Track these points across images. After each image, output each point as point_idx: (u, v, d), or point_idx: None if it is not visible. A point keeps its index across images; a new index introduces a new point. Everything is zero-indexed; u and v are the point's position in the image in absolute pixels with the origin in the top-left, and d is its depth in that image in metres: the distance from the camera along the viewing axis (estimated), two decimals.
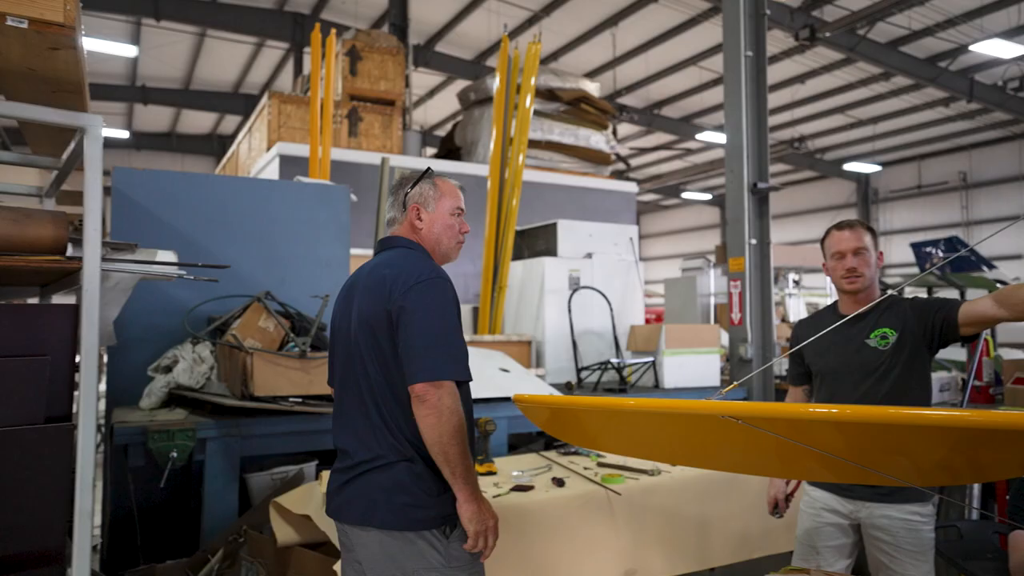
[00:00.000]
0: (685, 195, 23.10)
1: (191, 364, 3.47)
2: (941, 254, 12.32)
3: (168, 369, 3.53)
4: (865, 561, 2.47)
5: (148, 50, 13.06)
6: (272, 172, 7.15)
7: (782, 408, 1.51)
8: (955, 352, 6.31)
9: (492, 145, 5.59)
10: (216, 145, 18.44)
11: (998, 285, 7.57)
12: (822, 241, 2.54)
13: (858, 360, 2.38)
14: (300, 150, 6.83)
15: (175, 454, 2.99)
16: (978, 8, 11.13)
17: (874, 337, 2.36)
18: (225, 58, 13.95)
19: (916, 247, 12.48)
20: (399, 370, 1.85)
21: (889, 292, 2.45)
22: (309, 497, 2.94)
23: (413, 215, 2.05)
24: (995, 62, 12.82)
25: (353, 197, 4.59)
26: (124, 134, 16.90)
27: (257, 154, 8.16)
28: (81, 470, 1.75)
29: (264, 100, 7.83)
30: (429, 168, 2.15)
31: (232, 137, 15.94)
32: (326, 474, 3.00)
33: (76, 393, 1.84)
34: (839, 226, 2.47)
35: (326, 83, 5.41)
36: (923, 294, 10.86)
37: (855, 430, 1.56)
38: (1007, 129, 16.75)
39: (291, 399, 3.35)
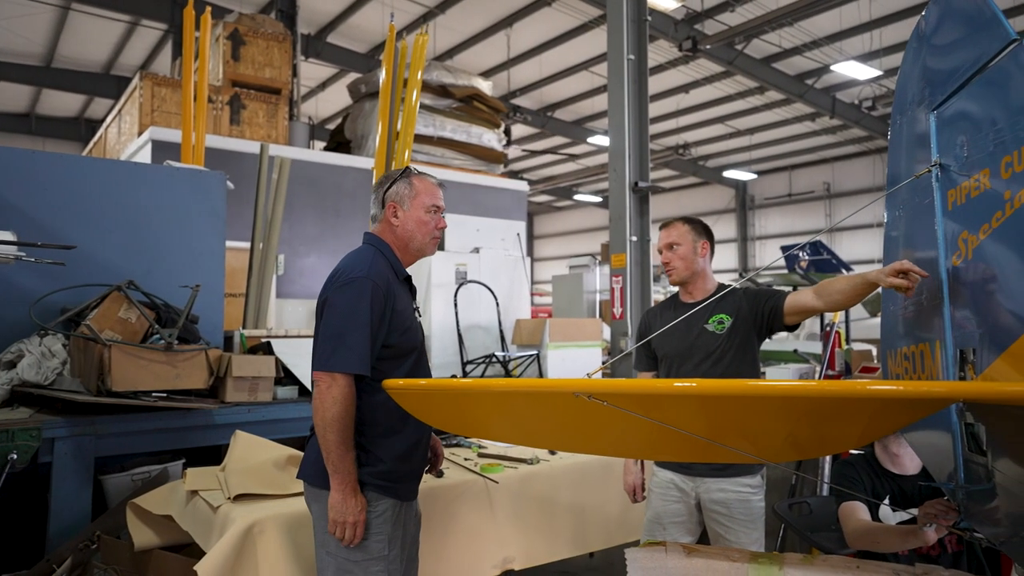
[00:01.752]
0: (577, 197, 23.69)
1: (39, 359, 3.18)
2: (807, 256, 13.30)
3: (11, 365, 3.22)
4: (707, 538, 2.65)
5: None
6: (144, 158, 6.70)
7: (632, 384, 1.58)
8: (814, 346, 6.83)
9: (377, 139, 5.49)
10: (84, 130, 17.01)
11: None
12: None
13: (698, 343, 2.56)
14: (176, 136, 6.43)
15: (15, 456, 2.72)
16: (838, 32, 12.12)
17: (712, 322, 2.55)
18: (94, 36, 12.90)
19: (785, 250, 13.41)
20: None
21: (733, 286, 2.63)
22: (171, 496, 2.78)
23: (390, 213, 2.20)
24: (853, 82, 14.01)
25: (230, 185, 4.37)
26: None
27: (128, 139, 7.62)
28: None
29: (136, 81, 7.32)
30: (408, 167, 2.30)
31: (103, 121, 14.81)
32: (191, 471, 2.85)
33: None
34: (662, 225, 2.68)
35: (201, 65, 5.12)
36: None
37: (706, 405, 1.64)
38: (863, 144, 18.35)
39: (154, 394, 3.15)
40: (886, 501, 2.38)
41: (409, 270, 2.30)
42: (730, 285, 2.65)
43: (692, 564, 1.75)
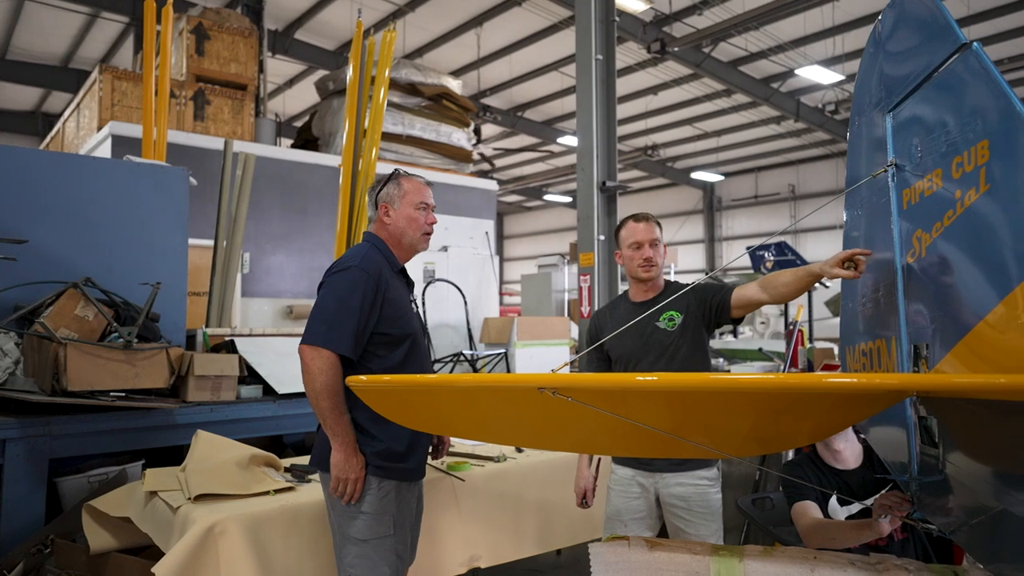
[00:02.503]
0: (547, 197, 23.76)
1: None
2: (771, 257, 13.51)
3: None
4: (666, 533, 2.68)
5: None
6: (104, 154, 6.52)
7: (596, 379, 1.59)
8: (778, 345, 6.95)
9: (344, 137, 5.44)
10: (42, 124, 16.51)
11: (815, 285, 8.44)
12: (617, 231, 2.70)
13: (652, 342, 2.58)
14: (137, 131, 6.27)
15: None
16: (803, 37, 12.36)
17: (663, 320, 2.58)
18: (51, 27, 12.55)
19: (749, 250, 13.64)
20: None
21: (682, 283, 2.67)
22: (130, 497, 2.72)
23: (382, 213, 2.39)
24: (817, 87, 14.29)
25: (193, 181, 4.28)
26: None
27: (87, 134, 7.42)
28: None
29: (95, 74, 7.13)
30: (396, 170, 2.48)
31: (61, 116, 14.38)
32: (151, 472, 2.79)
33: None
34: (636, 218, 2.67)
35: (162, 58, 5.00)
36: None
37: (670, 400, 1.66)
38: (827, 148, 18.73)
39: (112, 394, 3.08)
40: (835, 495, 2.45)
41: None
42: (676, 282, 2.70)
43: (655, 558, 1.76)
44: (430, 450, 2.67)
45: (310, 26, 12.59)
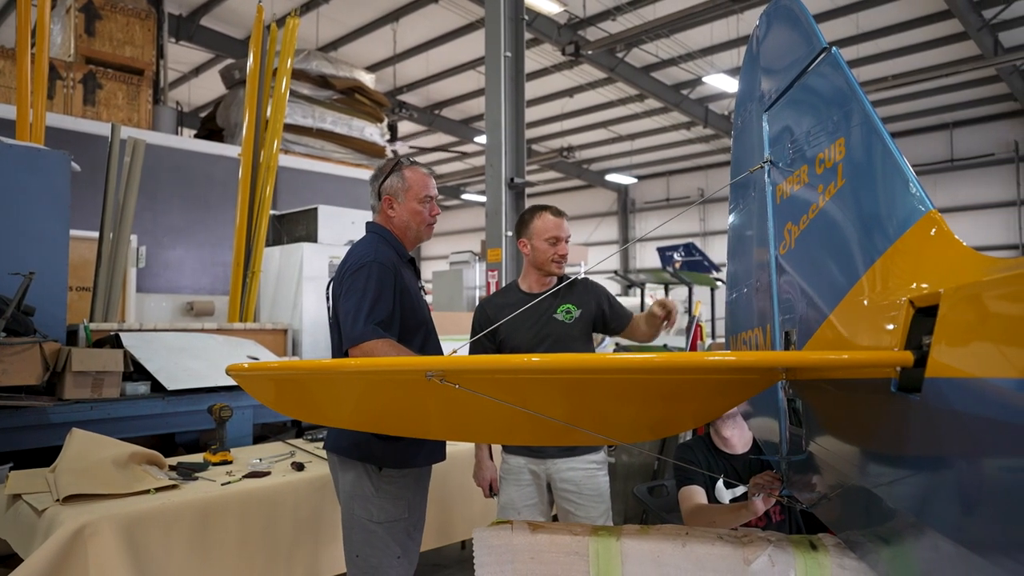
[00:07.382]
0: (465, 196, 23.74)
1: None
2: (680, 258, 13.97)
3: None
4: (555, 519, 2.75)
5: None
6: None
7: (486, 360, 1.59)
8: (681, 341, 7.20)
9: (244, 128, 5.24)
10: None
11: (717, 284, 8.82)
12: (528, 222, 2.72)
13: (548, 332, 2.64)
14: (15, 112, 5.84)
15: None
16: (710, 46, 12.86)
17: (560, 312, 2.66)
18: None
19: (661, 251, 14.08)
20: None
21: (575, 277, 2.76)
22: None
23: (386, 205, 2.39)
24: (723, 95, 14.91)
25: (76, 167, 4.02)
26: None
27: None
28: None
29: None
30: (400, 159, 2.43)
31: None
32: (15, 474, 2.60)
33: None
34: (555, 212, 2.71)
35: (39, 33, 4.63)
36: (661, 290, 12.14)
37: (562, 383, 1.68)
38: None
39: None
40: (721, 478, 2.58)
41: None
42: (565, 275, 2.78)
43: (537, 540, 1.79)
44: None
45: (217, 12, 12.08)
